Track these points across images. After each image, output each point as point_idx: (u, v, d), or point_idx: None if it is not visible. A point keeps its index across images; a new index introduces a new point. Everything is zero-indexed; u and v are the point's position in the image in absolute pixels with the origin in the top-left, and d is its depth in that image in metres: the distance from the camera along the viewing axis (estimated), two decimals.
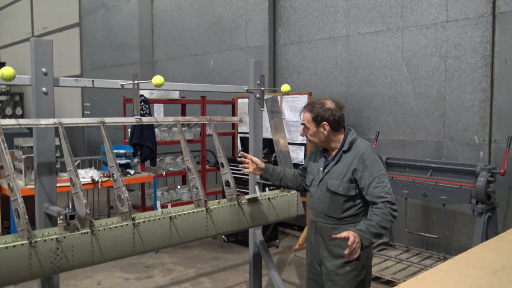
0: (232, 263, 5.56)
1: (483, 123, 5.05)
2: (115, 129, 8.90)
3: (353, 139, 2.77)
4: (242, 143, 6.85)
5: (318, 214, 2.84)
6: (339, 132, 2.80)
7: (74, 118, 2.83)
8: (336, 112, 2.75)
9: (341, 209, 2.73)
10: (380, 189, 2.57)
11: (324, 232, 2.82)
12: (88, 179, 5.25)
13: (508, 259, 2.14)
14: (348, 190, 2.69)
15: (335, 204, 2.75)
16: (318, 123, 2.75)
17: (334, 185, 2.73)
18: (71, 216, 2.47)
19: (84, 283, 4.93)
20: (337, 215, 2.76)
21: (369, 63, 6.04)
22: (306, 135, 2.85)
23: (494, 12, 4.94)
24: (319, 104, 2.77)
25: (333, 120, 2.74)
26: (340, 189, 2.71)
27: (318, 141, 2.82)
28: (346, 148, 2.75)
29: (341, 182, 2.71)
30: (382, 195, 2.56)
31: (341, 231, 2.68)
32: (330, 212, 2.77)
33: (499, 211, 4.84)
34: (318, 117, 2.74)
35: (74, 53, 12.28)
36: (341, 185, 2.70)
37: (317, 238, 2.88)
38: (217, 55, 8.20)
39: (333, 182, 2.74)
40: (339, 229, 2.73)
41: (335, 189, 2.72)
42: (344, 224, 2.74)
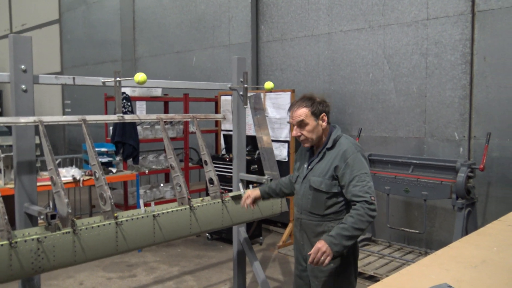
0: (216, 261, 5.55)
1: (463, 120, 5.13)
2: (96, 127, 8.80)
3: (337, 136, 2.75)
4: (225, 141, 6.84)
5: (302, 211, 2.84)
6: (328, 126, 2.78)
7: (54, 116, 2.79)
8: (328, 105, 2.76)
9: (324, 206, 2.72)
10: (359, 188, 2.54)
11: (308, 228, 2.81)
12: (70, 178, 5.18)
13: (488, 253, 2.18)
14: (330, 187, 2.68)
15: (318, 201, 2.74)
16: (317, 115, 2.71)
17: (317, 182, 2.72)
18: (52, 215, 2.43)
19: (66, 283, 4.87)
20: (320, 212, 2.75)
21: (351, 60, 6.08)
22: (301, 133, 2.73)
23: (473, 10, 5.02)
24: (310, 99, 2.72)
25: (328, 111, 2.75)
26: (322, 186, 2.70)
27: (316, 137, 2.74)
28: (330, 145, 2.73)
29: (324, 179, 2.70)
30: (360, 194, 2.52)
31: (325, 228, 2.73)
32: (313, 209, 2.77)
33: (479, 206, 4.93)
34: (317, 110, 2.70)
35: (54, 50, 12.08)
36: (324, 182, 2.69)
37: (302, 234, 2.87)
38: (199, 52, 8.16)
39: (316, 179, 2.73)
40: (322, 226, 2.74)
41: (318, 186, 2.72)
42: (327, 221, 2.73)
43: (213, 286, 4.78)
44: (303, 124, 2.71)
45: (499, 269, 1.98)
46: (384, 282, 1.88)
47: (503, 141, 4.87)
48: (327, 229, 2.71)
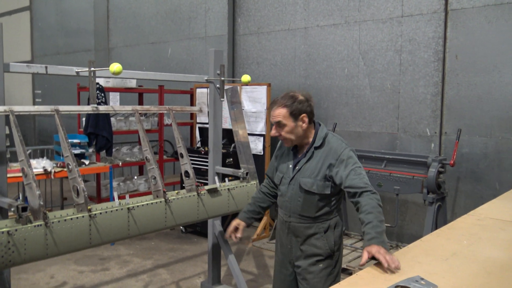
0: (190, 254, 5.54)
1: (435, 116, 5.25)
2: (69, 118, 8.59)
3: (325, 135, 2.63)
4: (201, 133, 6.80)
5: (291, 214, 2.70)
6: (312, 126, 2.65)
7: (26, 106, 2.71)
8: (310, 104, 2.61)
9: (316, 207, 2.61)
10: (359, 180, 2.45)
11: (298, 232, 2.69)
12: (40, 170, 5.06)
13: (458, 246, 2.25)
14: (323, 188, 2.57)
15: (309, 203, 2.61)
16: (296, 117, 2.56)
17: (308, 184, 2.58)
18: (23, 208, 2.38)
19: (36, 276, 4.77)
20: (311, 214, 2.63)
21: (327, 55, 6.12)
22: (280, 133, 2.61)
23: (446, 9, 5.12)
24: (292, 98, 2.57)
25: (310, 111, 2.60)
26: (314, 188, 2.57)
27: (296, 138, 2.61)
28: (318, 144, 2.60)
29: (315, 180, 2.57)
30: (361, 185, 2.43)
31: (316, 230, 2.64)
32: (304, 211, 2.64)
33: (448, 200, 5.07)
34: (295, 111, 2.55)
35: (24, 38, 11.74)
36: (315, 183, 2.57)
37: (289, 238, 2.74)
38: (175, 43, 8.07)
39: (306, 181, 2.59)
40: (313, 228, 2.64)
41: (309, 187, 2.58)
42: (319, 222, 2.64)
43: (187, 279, 4.77)
44: (281, 124, 2.58)
45: (469, 262, 2.04)
46: (359, 275, 1.91)
47: (472, 138, 5.00)
48: (319, 230, 2.64)
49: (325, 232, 2.64)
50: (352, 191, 2.46)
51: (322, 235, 2.64)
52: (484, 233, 2.46)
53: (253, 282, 4.74)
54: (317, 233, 2.64)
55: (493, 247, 2.24)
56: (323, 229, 2.64)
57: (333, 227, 2.66)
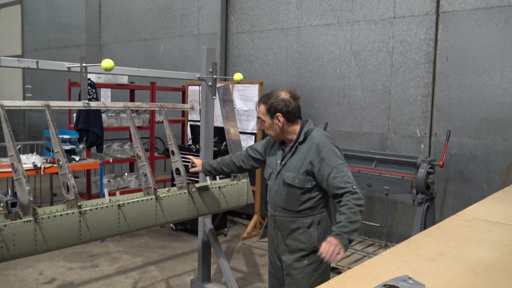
0: (180, 252, 5.53)
1: (425, 117, 5.29)
2: (59, 113, 8.55)
3: (309, 130, 2.70)
4: (192, 131, 6.79)
5: (276, 208, 2.78)
6: (294, 124, 2.71)
7: (16, 101, 2.69)
8: (290, 103, 2.66)
9: (299, 201, 2.67)
10: (339, 179, 2.51)
11: (282, 226, 2.76)
12: (30, 165, 5.02)
13: (446, 246, 2.27)
14: (304, 182, 2.63)
15: (292, 197, 2.68)
16: (272, 115, 2.67)
17: (290, 178, 2.66)
18: (12, 203, 2.36)
19: (24, 272, 4.74)
20: (294, 208, 2.69)
21: (319, 55, 6.14)
22: (263, 128, 2.76)
23: (438, 11, 5.16)
24: (273, 95, 2.68)
25: (286, 111, 2.65)
26: (296, 182, 2.64)
27: (275, 134, 2.74)
28: (301, 139, 2.68)
29: (297, 174, 2.64)
30: (341, 186, 2.49)
31: (299, 224, 2.70)
32: (287, 205, 2.71)
33: (437, 201, 5.12)
34: (271, 109, 2.66)
35: (14, 33, 11.62)
36: (297, 177, 2.64)
37: (276, 232, 2.82)
38: (167, 40, 8.04)
39: (289, 175, 2.67)
40: (297, 222, 2.70)
41: (291, 181, 2.66)
42: (302, 217, 2.69)
43: (177, 277, 4.77)
44: (261, 120, 2.75)
45: (457, 262, 2.06)
46: (348, 274, 1.93)
47: (461, 139, 5.05)
48: (302, 225, 2.69)
49: (308, 227, 2.69)
50: (333, 192, 2.55)
51: (305, 230, 2.69)
52: (471, 234, 2.50)
53: (243, 280, 4.75)
54: (300, 228, 2.70)
55: (480, 247, 2.27)
56: (306, 224, 2.69)
57: (317, 223, 2.70)
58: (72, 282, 4.57)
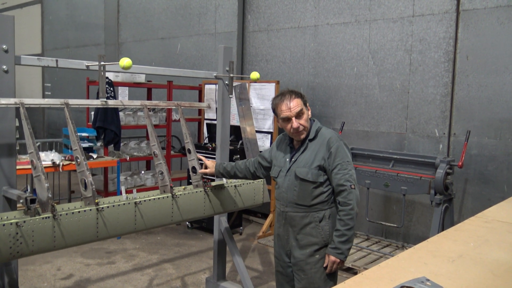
0: (195, 250, 5.56)
1: (444, 117, 5.21)
2: (77, 111, 8.66)
3: (319, 128, 2.82)
4: (208, 130, 6.81)
5: (287, 204, 2.82)
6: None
7: (36, 99, 2.73)
8: None
9: (311, 196, 2.74)
10: (341, 176, 2.65)
11: (294, 221, 2.81)
12: (49, 162, 5.09)
13: (465, 248, 2.24)
14: (317, 176, 2.71)
15: (304, 191, 2.75)
16: (306, 105, 2.79)
17: (303, 173, 2.74)
18: (31, 200, 2.39)
19: (43, 268, 4.82)
20: (307, 203, 2.76)
21: (336, 54, 6.10)
22: (300, 124, 2.74)
23: (458, 9, 5.08)
24: (296, 91, 2.79)
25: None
26: (309, 176, 2.72)
27: (308, 126, 2.80)
28: (312, 136, 2.78)
29: (309, 169, 2.72)
30: (341, 183, 2.64)
31: (311, 219, 2.77)
32: (299, 200, 2.77)
33: (456, 202, 5.04)
34: (304, 100, 2.79)
35: (35, 32, 11.80)
36: (310, 172, 2.72)
37: (286, 228, 2.86)
38: (185, 39, 8.08)
39: (302, 170, 2.75)
40: (309, 217, 2.76)
41: (304, 176, 2.73)
42: (314, 212, 2.76)
43: (193, 275, 4.79)
44: (301, 113, 2.74)
45: (475, 264, 2.03)
46: (364, 274, 1.91)
47: (481, 139, 4.96)
48: (313, 219, 2.76)
49: (319, 221, 2.76)
50: (334, 187, 2.71)
51: (317, 224, 2.76)
52: (491, 236, 2.45)
53: (258, 279, 4.74)
54: (312, 222, 2.76)
55: (500, 249, 2.22)
56: (318, 219, 2.76)
57: (328, 217, 2.77)
58: (89, 278, 4.63)
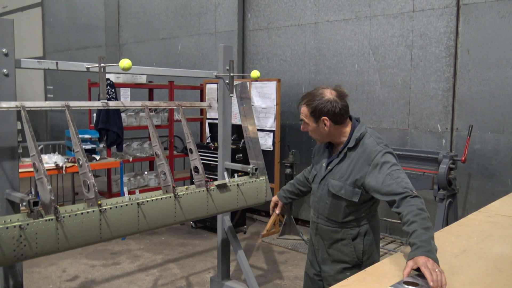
0: (200, 249, 5.57)
1: (446, 112, 5.20)
2: (80, 113, 8.68)
3: (360, 135, 2.38)
4: (210, 129, 6.82)
5: (319, 216, 2.56)
6: (343, 125, 2.43)
7: (37, 102, 2.73)
8: (337, 104, 2.34)
9: (343, 213, 2.44)
10: (396, 185, 2.16)
11: (325, 234, 2.55)
12: (52, 165, 5.11)
13: (468, 243, 2.23)
14: (351, 195, 2.36)
15: (336, 207, 2.45)
16: (317, 118, 2.37)
17: (336, 187, 2.41)
18: (34, 202, 2.40)
19: (48, 270, 4.83)
20: (339, 219, 2.47)
21: (337, 51, 6.09)
22: (306, 130, 2.47)
23: (458, 3, 5.06)
24: (317, 96, 2.37)
25: (333, 113, 2.34)
26: (342, 192, 2.39)
27: (320, 137, 2.47)
28: (351, 145, 2.38)
29: (344, 184, 2.38)
30: (399, 191, 2.14)
31: (344, 235, 2.47)
32: (331, 215, 2.49)
33: (459, 197, 5.02)
34: (316, 112, 2.36)
35: (35, 34, 11.83)
36: (344, 188, 2.38)
37: (317, 239, 2.62)
38: (185, 39, 8.08)
39: (335, 184, 2.41)
40: (341, 233, 2.48)
41: (337, 191, 2.40)
42: (347, 228, 2.46)
43: (197, 274, 4.80)
44: (305, 123, 2.46)
45: (479, 259, 2.02)
46: (367, 271, 1.91)
47: (484, 134, 4.95)
48: (346, 236, 2.46)
49: (353, 239, 2.46)
50: (390, 199, 2.18)
51: (350, 242, 2.46)
52: (495, 230, 2.44)
53: (262, 277, 4.75)
54: (345, 239, 2.47)
55: (504, 244, 2.22)
56: (351, 236, 2.46)
57: (363, 235, 2.45)
58: (94, 280, 4.64)
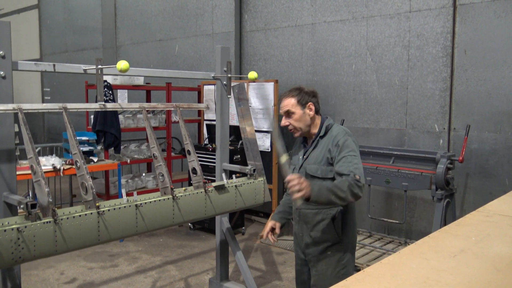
0: (198, 251, 5.56)
1: (443, 112, 5.21)
2: (77, 115, 8.67)
3: (329, 125, 2.80)
4: (208, 130, 6.81)
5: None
6: (318, 117, 2.84)
7: (34, 104, 2.73)
8: (316, 95, 2.84)
9: None
10: (345, 167, 2.55)
11: (307, 218, 2.83)
12: (50, 167, 5.10)
13: (466, 243, 2.23)
14: (326, 172, 2.70)
15: None
16: (303, 105, 2.77)
17: (313, 169, 2.75)
18: (32, 205, 2.39)
19: (46, 273, 4.82)
20: None
21: (334, 51, 6.09)
22: (289, 122, 2.79)
23: (455, 4, 5.07)
24: (299, 89, 2.80)
25: (316, 101, 2.81)
26: (318, 173, 2.72)
27: (304, 125, 2.79)
28: (322, 133, 2.78)
29: (319, 165, 2.73)
30: (345, 172, 2.53)
31: (324, 215, 2.76)
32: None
33: (457, 196, 5.03)
34: (303, 100, 2.77)
35: (32, 36, 11.81)
36: (319, 169, 2.72)
37: (301, 225, 2.89)
38: (182, 40, 8.08)
39: (312, 167, 2.76)
40: (321, 214, 2.77)
41: (314, 172, 2.73)
42: (326, 208, 2.76)
43: (196, 276, 4.79)
44: (290, 113, 2.78)
45: (477, 259, 2.02)
46: (366, 271, 1.90)
47: (481, 134, 4.96)
48: (326, 216, 2.76)
49: (332, 218, 2.75)
50: (337, 176, 2.60)
51: (330, 221, 2.75)
52: (493, 230, 2.45)
53: (261, 278, 4.74)
54: (325, 219, 2.76)
55: (502, 243, 2.22)
56: (331, 215, 2.75)
57: (341, 213, 2.76)
58: (92, 282, 4.63)
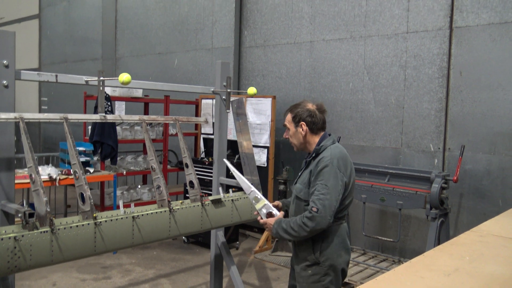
0: (192, 264, 5.54)
1: (438, 132, 5.27)
2: (74, 125, 8.59)
3: (321, 147, 2.74)
4: (205, 144, 6.84)
5: (290, 217, 2.86)
6: (316, 135, 2.81)
7: (35, 113, 2.75)
8: (315, 114, 2.78)
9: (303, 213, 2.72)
10: (313, 197, 2.58)
11: None
12: (46, 177, 5.09)
13: (461, 262, 2.26)
14: (307, 195, 2.71)
15: (299, 207, 2.79)
16: (296, 123, 2.80)
17: (298, 189, 2.80)
18: (30, 214, 2.40)
19: (38, 283, 4.78)
20: None
21: (332, 69, 6.17)
22: (287, 137, 2.88)
23: (451, 26, 5.17)
24: (300, 105, 2.83)
25: (310, 121, 2.77)
26: (301, 194, 2.76)
27: (297, 142, 2.84)
28: (313, 154, 2.76)
29: (303, 187, 2.75)
30: (308, 203, 2.63)
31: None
32: (296, 215, 2.77)
33: (451, 216, 5.06)
34: (296, 117, 2.79)
35: (32, 46, 11.85)
36: (303, 190, 2.75)
37: (293, 242, 2.92)
38: (182, 54, 8.14)
39: (298, 187, 2.81)
40: None
41: (298, 193, 2.79)
42: None
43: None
44: (287, 128, 2.88)
45: (471, 278, 2.05)
46: None
47: (476, 154, 5.01)
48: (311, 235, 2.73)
49: (312, 239, 2.71)
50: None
51: (308, 241, 2.73)
52: (486, 250, 2.47)
53: None
54: (310, 237, 2.72)
55: (495, 263, 2.25)
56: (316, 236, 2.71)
57: (322, 237, 2.70)
58: None
